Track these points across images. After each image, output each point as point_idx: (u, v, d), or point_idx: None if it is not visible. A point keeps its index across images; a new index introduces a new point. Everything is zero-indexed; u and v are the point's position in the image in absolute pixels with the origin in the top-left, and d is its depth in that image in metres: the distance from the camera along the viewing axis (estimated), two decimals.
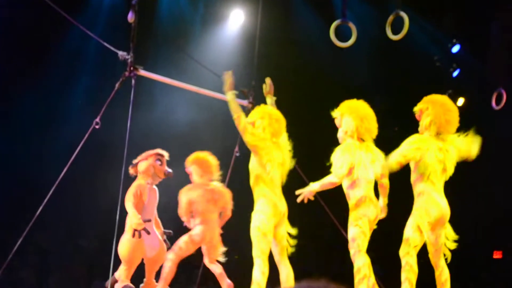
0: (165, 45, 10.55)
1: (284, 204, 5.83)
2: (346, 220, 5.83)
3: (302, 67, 11.25)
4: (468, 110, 9.64)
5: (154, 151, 6.79)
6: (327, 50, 9.56)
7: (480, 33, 10.94)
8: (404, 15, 6.67)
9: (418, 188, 5.76)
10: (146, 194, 6.59)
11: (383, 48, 10.49)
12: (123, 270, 6.48)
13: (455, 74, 11.48)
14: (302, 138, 6.03)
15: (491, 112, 8.58)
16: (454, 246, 5.86)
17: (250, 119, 5.87)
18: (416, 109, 5.99)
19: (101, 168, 9.78)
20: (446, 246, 5.85)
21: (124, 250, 6.43)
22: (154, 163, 6.69)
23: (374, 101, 6.38)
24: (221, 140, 10.22)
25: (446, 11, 11.32)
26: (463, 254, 6.55)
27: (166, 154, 6.82)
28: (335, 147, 5.93)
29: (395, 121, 10.51)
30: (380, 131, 6.05)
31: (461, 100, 11.20)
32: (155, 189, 6.76)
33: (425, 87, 7.07)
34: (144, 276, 6.70)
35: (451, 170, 5.82)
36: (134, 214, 6.36)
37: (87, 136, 6.94)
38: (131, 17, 6.80)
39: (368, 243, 5.80)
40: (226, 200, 6.58)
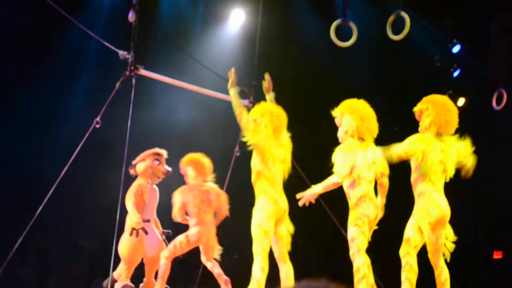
0: (165, 44, 10.54)
1: (285, 201, 5.82)
2: (346, 220, 5.83)
3: (303, 66, 11.24)
4: (468, 110, 9.65)
5: (151, 151, 6.76)
6: (327, 49, 9.55)
7: (480, 33, 10.93)
8: (405, 15, 6.66)
9: (419, 188, 5.75)
10: (147, 193, 6.59)
11: (383, 48, 10.49)
12: (123, 269, 6.48)
13: (456, 74, 11.46)
14: (302, 138, 6.03)
15: (492, 112, 8.58)
16: (453, 247, 5.86)
17: (251, 116, 5.87)
18: (416, 109, 5.98)
19: (101, 168, 9.78)
20: (445, 246, 5.86)
21: (124, 249, 6.44)
22: (152, 164, 6.67)
23: (374, 101, 6.36)
24: (221, 139, 10.23)
25: (446, 11, 11.31)
26: (463, 254, 6.55)
27: (165, 153, 6.81)
28: (335, 147, 5.92)
29: (395, 121, 10.51)
30: (380, 131, 6.04)
31: (461, 100, 11.19)
32: (156, 189, 6.76)
33: (425, 87, 7.06)
34: (143, 276, 6.71)
35: (452, 171, 5.81)
36: (133, 213, 6.37)
37: (87, 135, 6.94)
38: (131, 16, 6.81)
39: (368, 243, 5.79)
40: (221, 201, 6.60)
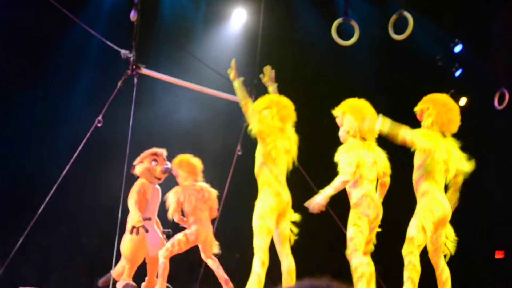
0: (167, 43, 10.54)
1: (288, 194, 5.77)
2: (348, 219, 5.82)
3: (304, 65, 11.23)
4: (470, 110, 9.64)
5: (149, 152, 6.76)
6: (329, 49, 9.55)
7: (482, 32, 10.92)
8: (408, 15, 6.65)
9: (422, 187, 5.71)
10: (149, 192, 6.61)
11: (384, 48, 10.48)
12: (126, 268, 6.49)
13: (457, 73, 11.45)
14: (303, 137, 6.01)
15: (493, 112, 8.58)
16: (453, 246, 5.85)
17: (256, 108, 5.82)
18: (417, 109, 5.96)
19: (103, 167, 9.78)
20: (445, 246, 5.85)
21: (127, 249, 6.45)
22: (149, 166, 6.67)
23: (375, 100, 6.36)
24: (223, 138, 10.24)
25: (448, 11, 11.31)
26: (463, 254, 6.54)
27: (164, 152, 6.81)
28: (336, 146, 5.91)
29: (397, 120, 10.48)
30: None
31: (463, 100, 11.18)
32: (158, 188, 6.76)
33: (427, 87, 7.06)
34: (145, 275, 6.71)
35: (453, 172, 5.79)
36: (134, 212, 6.39)
37: (89, 134, 6.95)
38: (133, 15, 6.82)
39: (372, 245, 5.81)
40: (213, 200, 6.64)
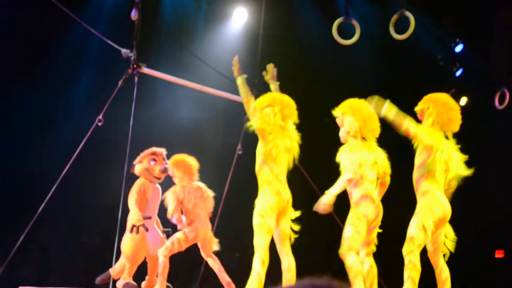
0: (168, 42, 10.54)
1: (288, 192, 5.75)
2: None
3: (305, 65, 11.23)
4: (471, 110, 9.63)
5: (148, 152, 6.76)
6: (330, 48, 9.55)
7: (483, 32, 10.91)
8: (409, 15, 6.64)
9: (422, 186, 5.69)
10: (149, 192, 6.61)
11: (385, 47, 10.48)
12: (126, 268, 6.49)
13: (458, 73, 11.44)
14: (304, 136, 6.00)
15: (494, 112, 8.57)
16: (453, 246, 5.85)
17: (258, 105, 5.80)
18: (417, 108, 5.93)
19: (103, 166, 9.79)
20: (445, 245, 5.84)
21: (127, 248, 6.45)
22: (148, 165, 6.68)
23: None
24: (223, 137, 10.24)
25: (449, 10, 11.30)
26: (463, 254, 6.54)
27: (163, 151, 6.81)
28: (337, 145, 5.91)
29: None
30: (382, 130, 6.03)
31: (464, 100, 11.17)
32: (159, 188, 6.76)
33: (427, 86, 7.04)
34: (145, 274, 6.71)
35: (453, 172, 5.77)
36: (134, 211, 6.39)
37: (89, 133, 6.95)
38: (134, 14, 6.81)
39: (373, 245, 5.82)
40: (210, 199, 6.65)
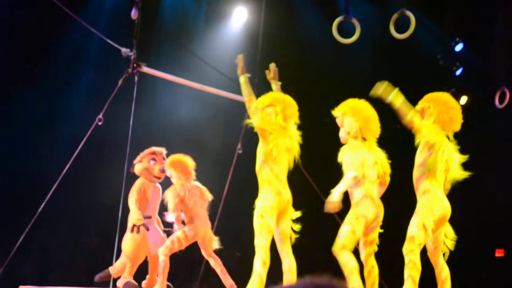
0: (168, 42, 10.53)
1: (289, 192, 5.75)
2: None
3: (305, 64, 11.22)
4: (471, 109, 9.62)
5: (148, 151, 6.77)
6: (330, 48, 9.55)
7: (483, 31, 10.90)
8: (410, 14, 6.63)
9: (422, 185, 5.67)
10: (150, 192, 6.62)
11: (385, 47, 10.47)
12: (127, 267, 6.50)
13: (458, 72, 11.44)
14: (304, 135, 6.00)
15: (494, 111, 8.56)
16: (453, 245, 5.84)
17: (260, 105, 5.79)
18: (418, 107, 5.91)
19: (103, 165, 9.78)
20: (445, 244, 5.84)
21: (128, 247, 6.46)
22: (147, 165, 6.69)
23: (376, 99, 6.35)
24: (223, 137, 10.24)
25: (449, 10, 11.30)
26: (463, 253, 6.54)
27: (163, 151, 6.81)
28: (337, 145, 5.91)
29: (397, 119, 10.47)
30: (382, 129, 6.03)
31: (464, 99, 11.17)
32: (159, 187, 6.77)
33: (427, 86, 7.04)
34: (146, 273, 6.71)
35: (453, 172, 5.76)
36: (134, 210, 6.41)
37: (90, 133, 6.95)
38: (134, 14, 6.81)
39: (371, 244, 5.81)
40: (207, 197, 6.66)
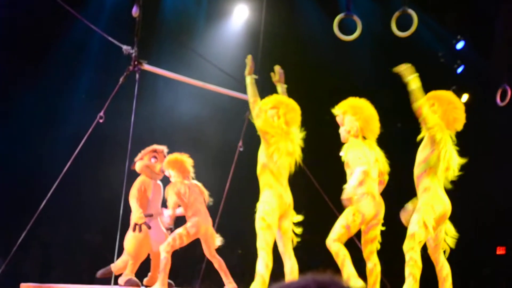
0: (169, 39, 10.52)
1: (290, 196, 5.77)
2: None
3: (306, 62, 11.21)
4: (472, 107, 9.61)
5: (149, 149, 6.77)
6: (331, 46, 9.54)
7: (484, 29, 10.90)
8: (412, 12, 6.62)
9: (423, 183, 5.67)
10: (150, 190, 6.62)
11: (386, 44, 10.46)
12: (130, 264, 6.51)
13: (459, 70, 11.43)
14: (305, 134, 6.00)
15: (495, 109, 8.55)
16: (453, 242, 5.84)
17: (263, 106, 5.77)
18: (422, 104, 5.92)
19: (104, 163, 9.79)
20: (445, 242, 5.84)
21: (130, 245, 6.47)
22: (148, 163, 6.69)
23: (377, 97, 6.35)
24: (225, 134, 10.22)
25: (450, 8, 11.28)
26: (464, 251, 6.54)
27: (164, 149, 6.80)
28: (338, 143, 5.92)
29: (398, 117, 10.48)
30: (383, 127, 6.03)
31: (465, 97, 11.16)
32: (160, 184, 6.77)
33: (429, 84, 7.04)
34: (148, 270, 6.72)
35: (453, 171, 5.75)
36: (136, 209, 6.42)
37: (91, 130, 6.95)
38: (135, 11, 6.80)
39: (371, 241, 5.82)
40: (206, 195, 6.67)
